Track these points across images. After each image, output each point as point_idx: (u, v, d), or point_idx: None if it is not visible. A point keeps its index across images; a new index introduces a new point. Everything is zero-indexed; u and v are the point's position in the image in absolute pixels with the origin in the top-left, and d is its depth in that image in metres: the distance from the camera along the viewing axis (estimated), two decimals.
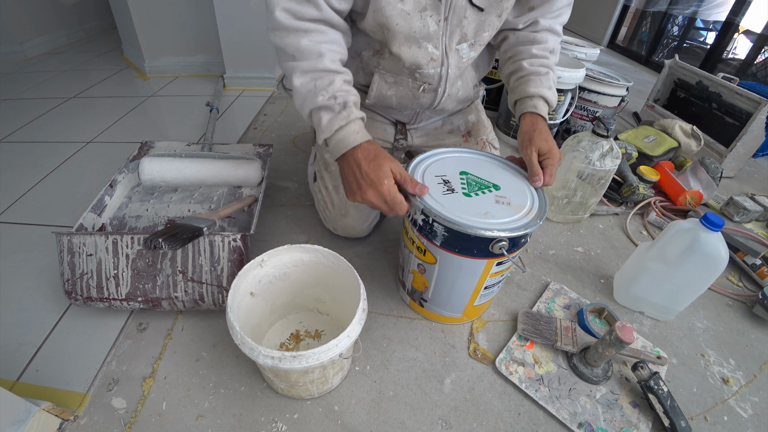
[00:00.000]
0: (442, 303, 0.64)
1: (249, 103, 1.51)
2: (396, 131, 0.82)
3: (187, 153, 0.89)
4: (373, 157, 0.53)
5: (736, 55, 2.38)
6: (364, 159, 0.53)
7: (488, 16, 0.62)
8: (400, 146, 0.82)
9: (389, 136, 0.82)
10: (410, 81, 0.68)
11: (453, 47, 0.64)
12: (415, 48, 0.62)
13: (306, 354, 0.44)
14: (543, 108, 0.65)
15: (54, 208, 0.93)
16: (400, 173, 0.53)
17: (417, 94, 0.69)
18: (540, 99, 0.65)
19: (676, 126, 1.17)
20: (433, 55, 0.63)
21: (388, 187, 0.51)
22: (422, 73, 0.65)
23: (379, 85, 0.69)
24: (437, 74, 0.66)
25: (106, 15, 2.32)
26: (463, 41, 0.64)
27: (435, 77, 0.66)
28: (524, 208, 0.54)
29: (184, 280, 0.63)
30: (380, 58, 0.67)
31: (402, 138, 0.82)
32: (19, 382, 0.58)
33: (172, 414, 0.54)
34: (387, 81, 0.68)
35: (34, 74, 1.78)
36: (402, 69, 0.65)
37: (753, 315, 0.75)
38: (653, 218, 0.96)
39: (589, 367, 0.60)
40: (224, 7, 1.43)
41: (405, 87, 0.69)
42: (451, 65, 0.65)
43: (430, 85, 0.67)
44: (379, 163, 0.52)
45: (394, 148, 0.82)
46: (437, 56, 0.64)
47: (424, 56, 0.63)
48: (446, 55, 0.64)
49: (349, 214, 0.77)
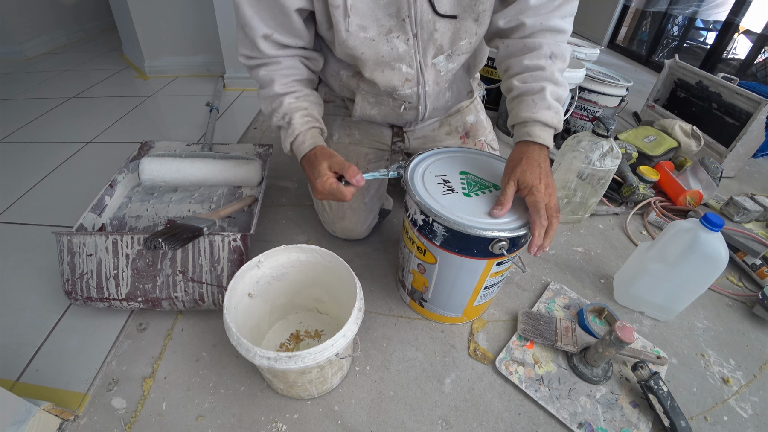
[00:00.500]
0: (442, 303, 0.64)
1: (249, 103, 1.51)
2: (393, 134, 0.82)
3: (187, 153, 0.89)
4: (311, 162, 0.58)
5: (736, 55, 2.38)
6: (307, 165, 0.60)
7: (463, 23, 0.58)
8: (397, 149, 0.81)
9: (386, 139, 0.82)
10: (390, 101, 0.67)
11: (429, 62, 0.61)
12: (388, 71, 0.61)
13: (302, 354, 0.44)
14: (539, 134, 0.54)
15: (54, 208, 0.93)
16: (339, 166, 0.56)
17: (399, 113, 0.69)
18: (536, 124, 0.55)
19: (676, 126, 1.17)
20: (408, 75, 0.62)
21: (322, 183, 0.55)
22: (399, 94, 0.64)
23: (362, 105, 0.70)
24: (414, 94, 0.64)
25: (106, 15, 2.32)
26: (439, 54, 0.61)
27: (413, 96, 0.65)
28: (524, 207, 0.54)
29: (184, 280, 0.63)
30: (359, 80, 0.67)
31: (399, 141, 0.81)
32: (19, 382, 0.58)
33: (172, 414, 0.54)
34: (369, 101, 0.69)
35: (34, 74, 1.79)
36: (381, 92, 0.65)
37: (753, 315, 0.75)
38: (653, 218, 0.96)
39: (589, 367, 0.60)
40: (224, 7, 1.43)
41: (387, 106, 0.69)
42: (428, 82, 0.63)
43: (410, 104, 0.67)
44: (315, 166, 0.57)
45: (392, 150, 0.82)
46: (412, 75, 0.62)
47: (398, 78, 0.61)
48: (421, 72, 0.62)
49: (346, 216, 0.77)
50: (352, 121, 0.79)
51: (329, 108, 0.82)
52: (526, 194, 0.51)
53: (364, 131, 0.79)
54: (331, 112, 0.82)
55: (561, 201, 0.91)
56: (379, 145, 0.81)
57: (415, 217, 0.57)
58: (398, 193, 0.98)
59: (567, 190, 0.88)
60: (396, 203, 0.95)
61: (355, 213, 0.77)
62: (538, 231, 0.49)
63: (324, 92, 0.80)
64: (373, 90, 0.66)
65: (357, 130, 0.79)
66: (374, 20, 0.56)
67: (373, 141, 0.80)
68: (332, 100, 0.81)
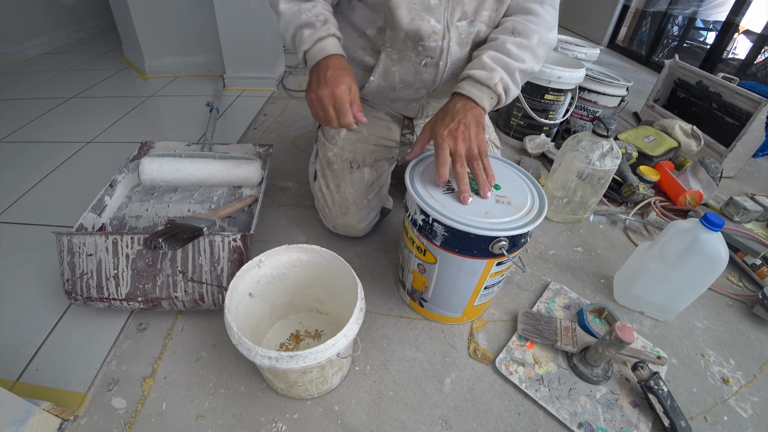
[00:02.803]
0: (442, 303, 0.64)
1: (249, 103, 1.51)
2: (402, 126, 0.82)
3: (187, 153, 0.89)
4: (341, 67, 0.58)
5: (736, 55, 2.38)
6: (333, 65, 0.57)
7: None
8: (407, 141, 0.81)
9: (395, 135, 0.81)
10: (413, 56, 0.67)
11: (454, 23, 0.62)
12: (418, 20, 0.61)
13: (303, 354, 0.44)
14: (466, 87, 0.58)
15: (54, 208, 0.93)
16: (354, 93, 0.57)
17: (419, 69, 0.68)
18: (466, 79, 0.59)
19: (676, 126, 1.17)
20: (435, 28, 0.62)
21: (342, 92, 0.55)
22: (424, 46, 0.64)
23: (385, 62, 0.69)
24: (438, 47, 0.64)
25: (106, 15, 2.32)
26: (463, 18, 0.62)
27: (437, 50, 0.65)
28: (524, 207, 0.54)
29: (184, 280, 0.63)
30: (383, 35, 0.66)
31: (409, 132, 0.81)
32: (19, 382, 0.58)
33: (172, 414, 0.54)
34: (392, 58, 0.68)
35: (34, 74, 1.78)
36: (406, 43, 0.65)
37: (753, 315, 0.75)
38: (653, 218, 0.96)
39: (589, 367, 0.60)
40: (224, 7, 1.43)
41: (408, 62, 0.68)
42: (452, 38, 0.64)
43: (431, 59, 0.66)
44: (343, 73, 0.57)
45: (401, 143, 0.82)
46: (439, 30, 0.63)
47: (427, 28, 0.62)
48: (447, 29, 0.63)
49: (349, 212, 0.77)
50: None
51: None
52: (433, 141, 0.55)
53: (371, 128, 0.79)
54: None
55: (561, 201, 0.91)
56: (386, 141, 0.80)
57: (415, 217, 0.57)
58: (399, 192, 0.98)
59: (567, 190, 0.88)
60: (396, 203, 0.95)
61: (359, 210, 0.77)
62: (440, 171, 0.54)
63: None
64: (399, 43, 0.66)
65: (364, 127, 0.79)
66: None
67: (379, 138, 0.79)
68: None
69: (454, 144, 0.54)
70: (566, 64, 1.19)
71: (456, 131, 0.55)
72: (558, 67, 1.11)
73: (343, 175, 0.77)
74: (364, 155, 0.77)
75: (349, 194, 0.76)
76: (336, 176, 0.77)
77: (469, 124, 0.56)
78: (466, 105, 0.57)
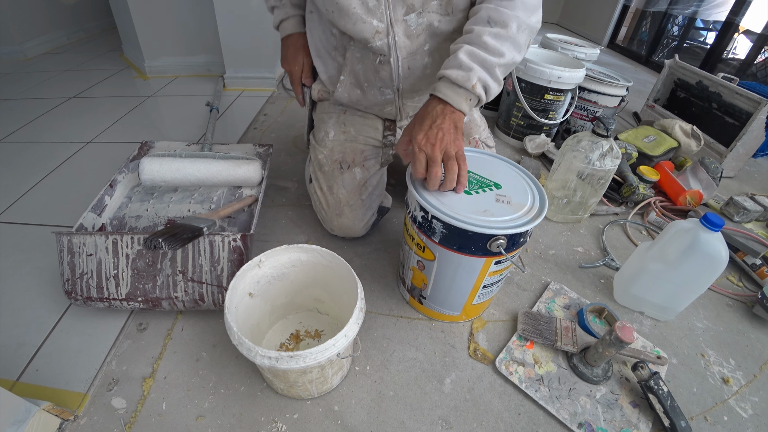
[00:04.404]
0: (441, 300, 0.64)
1: (249, 103, 1.51)
2: (384, 128, 0.82)
3: (187, 153, 0.89)
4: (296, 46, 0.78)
5: (736, 55, 2.38)
6: (289, 45, 0.79)
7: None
8: (388, 143, 0.81)
9: (378, 134, 0.81)
10: (370, 55, 0.67)
11: (399, 19, 0.61)
12: (360, 23, 0.61)
13: (303, 354, 0.44)
14: (443, 89, 0.56)
15: (54, 208, 0.93)
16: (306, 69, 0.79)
17: (377, 67, 0.69)
18: (442, 80, 0.56)
19: (676, 126, 1.17)
20: (378, 27, 0.62)
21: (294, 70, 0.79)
22: (372, 46, 0.64)
23: (351, 61, 0.70)
24: (385, 45, 0.64)
25: (106, 15, 2.32)
26: (410, 11, 0.61)
27: (384, 48, 0.64)
28: (524, 206, 0.54)
29: (184, 280, 0.63)
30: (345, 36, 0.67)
31: (390, 135, 0.81)
32: (19, 382, 0.58)
33: (172, 414, 0.54)
34: (356, 56, 0.69)
35: (34, 74, 1.78)
36: (359, 44, 0.66)
37: (753, 315, 0.75)
38: (653, 218, 0.96)
39: (589, 367, 0.60)
40: (224, 7, 1.43)
41: (368, 60, 0.68)
42: (398, 34, 0.63)
43: (384, 56, 0.66)
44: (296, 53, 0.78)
45: (383, 145, 0.82)
46: (382, 28, 0.62)
47: (369, 30, 0.62)
48: (391, 26, 0.62)
49: (344, 213, 0.77)
50: (346, 118, 0.80)
51: (324, 106, 0.82)
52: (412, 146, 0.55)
53: (359, 127, 0.79)
54: (325, 110, 0.82)
55: (561, 201, 0.91)
56: (374, 141, 0.80)
57: (415, 214, 0.57)
58: (398, 191, 0.98)
59: (567, 189, 0.88)
60: (396, 202, 0.95)
61: (353, 210, 0.77)
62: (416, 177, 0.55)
63: (318, 90, 0.80)
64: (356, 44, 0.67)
65: (352, 127, 0.79)
66: None
67: (367, 138, 0.80)
68: (326, 98, 0.81)
69: (431, 151, 0.53)
70: (566, 64, 1.19)
71: (434, 137, 0.54)
72: (558, 67, 1.11)
73: (334, 176, 0.77)
74: (353, 155, 0.77)
75: (341, 195, 0.76)
76: (327, 178, 0.78)
77: (447, 129, 0.54)
78: (445, 109, 0.55)
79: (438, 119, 0.55)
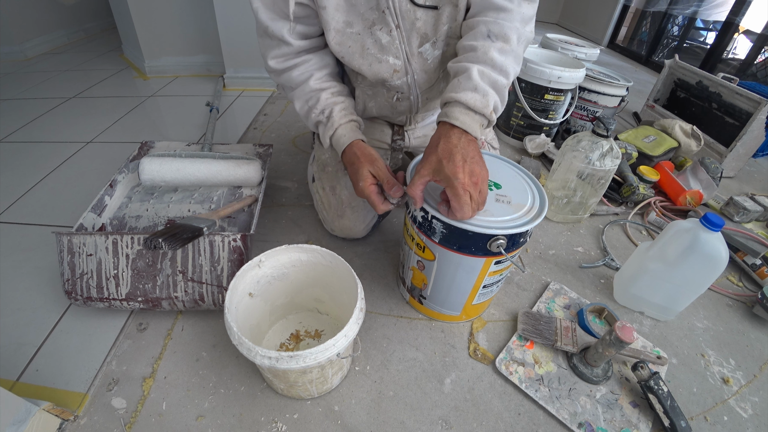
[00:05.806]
0: (441, 300, 0.64)
1: (249, 103, 1.51)
2: (393, 132, 0.82)
3: (187, 153, 0.89)
4: (353, 161, 0.61)
5: (736, 55, 2.38)
6: (348, 163, 0.62)
7: (444, 8, 0.57)
8: (397, 146, 0.82)
9: (387, 137, 0.82)
10: (385, 91, 0.68)
11: (415, 52, 0.61)
12: (376, 64, 0.61)
13: (303, 354, 0.44)
14: (459, 116, 0.50)
15: (54, 208, 0.93)
16: (380, 174, 0.58)
17: (393, 104, 0.70)
18: (456, 105, 0.51)
19: (676, 126, 1.17)
20: (396, 66, 0.61)
21: (362, 188, 0.59)
22: (390, 85, 0.65)
23: (363, 98, 0.71)
24: (404, 84, 0.64)
25: (106, 15, 2.32)
26: (424, 42, 0.60)
27: (404, 87, 0.65)
28: (524, 206, 0.54)
29: (184, 280, 0.63)
30: (356, 76, 0.68)
31: (399, 139, 0.82)
32: (19, 382, 0.58)
33: (172, 414, 0.54)
34: (367, 93, 0.70)
35: (34, 74, 1.78)
36: (374, 83, 0.66)
37: (753, 315, 0.75)
38: (653, 218, 0.96)
39: (589, 367, 0.60)
40: (224, 7, 1.43)
41: (382, 98, 0.69)
42: (416, 71, 0.63)
43: (402, 94, 0.67)
44: (357, 168, 0.59)
45: (391, 149, 0.82)
46: (399, 66, 0.62)
47: (386, 69, 0.62)
48: (408, 62, 0.62)
49: (345, 215, 0.77)
50: None
51: None
52: (446, 186, 0.48)
53: (367, 129, 0.80)
54: None
55: (561, 201, 0.91)
56: (380, 143, 0.81)
57: (415, 214, 0.57)
58: None
59: (567, 189, 0.88)
60: None
61: (355, 212, 0.77)
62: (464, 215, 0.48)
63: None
64: (367, 82, 0.67)
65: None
66: (358, 15, 0.58)
67: (372, 140, 0.80)
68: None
69: (475, 191, 0.48)
70: (566, 64, 1.19)
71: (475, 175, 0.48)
72: (558, 67, 1.11)
73: (337, 177, 0.77)
74: None
75: (344, 196, 0.76)
76: (330, 178, 0.78)
77: (478, 160, 0.50)
78: (467, 138, 0.50)
79: (465, 151, 0.49)
